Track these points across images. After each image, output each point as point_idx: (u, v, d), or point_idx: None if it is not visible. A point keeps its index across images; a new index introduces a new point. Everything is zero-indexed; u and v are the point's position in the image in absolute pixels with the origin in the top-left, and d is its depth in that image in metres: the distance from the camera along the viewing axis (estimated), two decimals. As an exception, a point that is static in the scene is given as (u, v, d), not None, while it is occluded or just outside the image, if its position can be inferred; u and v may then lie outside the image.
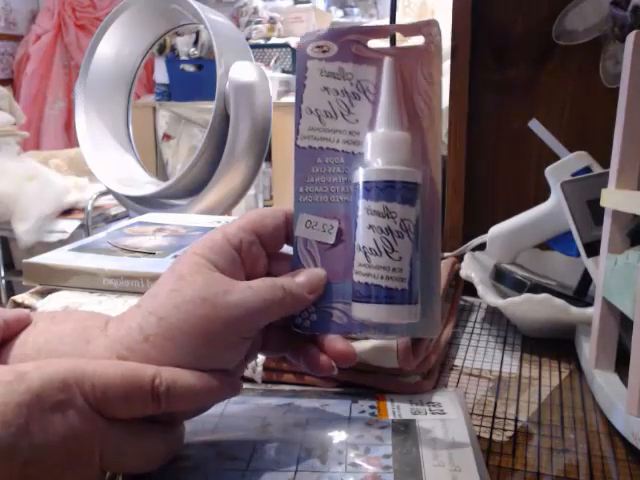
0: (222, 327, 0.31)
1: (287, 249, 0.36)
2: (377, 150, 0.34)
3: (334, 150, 0.35)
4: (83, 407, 0.27)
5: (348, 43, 0.35)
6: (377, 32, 0.36)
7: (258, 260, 0.35)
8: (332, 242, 0.35)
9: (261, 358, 0.44)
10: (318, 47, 0.35)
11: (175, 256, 0.55)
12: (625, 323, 0.47)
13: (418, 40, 0.35)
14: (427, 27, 0.35)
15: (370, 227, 0.33)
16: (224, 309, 0.31)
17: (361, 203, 0.33)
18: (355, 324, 0.35)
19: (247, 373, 0.44)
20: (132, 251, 0.57)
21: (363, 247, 0.33)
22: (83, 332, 0.32)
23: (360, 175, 0.34)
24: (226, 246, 0.33)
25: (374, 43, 0.35)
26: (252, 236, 0.34)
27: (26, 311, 0.34)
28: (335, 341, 0.35)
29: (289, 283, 0.34)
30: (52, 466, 0.27)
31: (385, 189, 0.33)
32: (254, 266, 0.35)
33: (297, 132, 0.36)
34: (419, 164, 0.34)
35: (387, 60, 0.35)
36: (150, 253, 0.56)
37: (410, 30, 0.35)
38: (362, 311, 0.34)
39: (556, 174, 0.58)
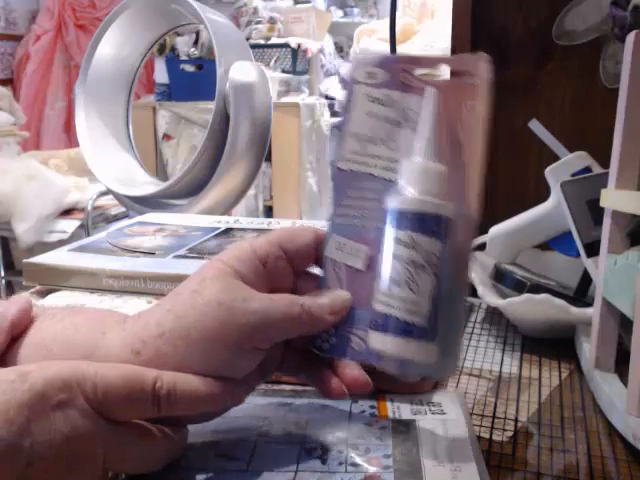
0: (236, 333, 0.31)
1: (317, 269, 0.36)
2: (411, 179, 0.33)
3: (372, 176, 0.35)
4: (84, 407, 0.28)
5: (396, 71, 0.35)
6: (426, 62, 0.36)
7: (284, 276, 0.35)
8: (360, 267, 0.34)
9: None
10: (367, 73, 0.35)
11: (175, 256, 0.55)
12: (625, 323, 0.47)
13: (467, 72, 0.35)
14: (475, 61, 0.35)
15: (394, 256, 0.33)
16: (240, 315, 0.31)
17: (389, 230, 0.33)
18: (372, 354, 0.34)
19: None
20: (132, 251, 0.57)
21: (386, 277, 0.33)
22: (100, 323, 0.32)
23: (391, 202, 0.33)
24: (252, 257, 0.33)
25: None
26: (279, 251, 0.34)
27: (25, 299, 0.34)
28: (350, 367, 0.35)
29: (310, 302, 0.33)
30: (54, 466, 0.27)
31: (413, 219, 0.32)
32: (279, 281, 0.35)
33: (339, 154, 0.36)
34: (453, 198, 0.33)
35: (429, 90, 0.34)
36: (150, 253, 0.56)
37: (458, 63, 0.35)
38: (378, 341, 0.33)
39: (556, 174, 0.58)
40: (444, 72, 0.36)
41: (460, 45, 0.73)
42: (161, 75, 2.80)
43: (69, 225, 1.88)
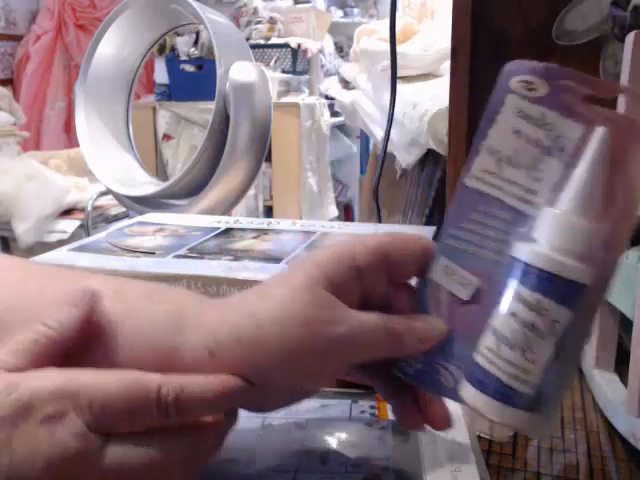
0: (317, 356, 0.29)
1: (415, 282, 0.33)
2: (550, 229, 0.28)
3: (502, 202, 0.30)
4: (76, 425, 0.24)
5: (560, 88, 0.29)
6: (600, 87, 0.30)
7: (379, 287, 0.32)
8: (465, 299, 0.31)
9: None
10: (525, 82, 0.30)
11: (175, 256, 0.55)
12: (625, 323, 0.47)
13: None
14: None
15: (513, 315, 0.28)
16: (324, 339, 0.28)
17: (512, 284, 0.28)
18: (462, 400, 0.30)
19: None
20: (132, 251, 0.57)
21: (497, 332, 0.28)
22: (179, 318, 0.29)
23: (522, 252, 0.28)
24: (350, 266, 0.30)
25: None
26: (380, 261, 0.31)
27: (84, 293, 0.29)
28: (435, 403, 0.32)
29: (403, 327, 0.30)
30: None
31: (544, 280, 0.28)
32: (372, 292, 0.31)
33: (468, 170, 0.31)
34: (594, 262, 0.28)
35: (600, 130, 0.28)
36: (150, 253, 0.56)
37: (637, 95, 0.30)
38: (472, 397, 0.29)
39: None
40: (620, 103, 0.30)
41: (460, 45, 0.73)
42: (161, 75, 2.80)
43: (69, 225, 1.88)
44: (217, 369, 0.28)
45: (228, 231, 0.64)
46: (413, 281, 0.33)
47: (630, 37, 0.40)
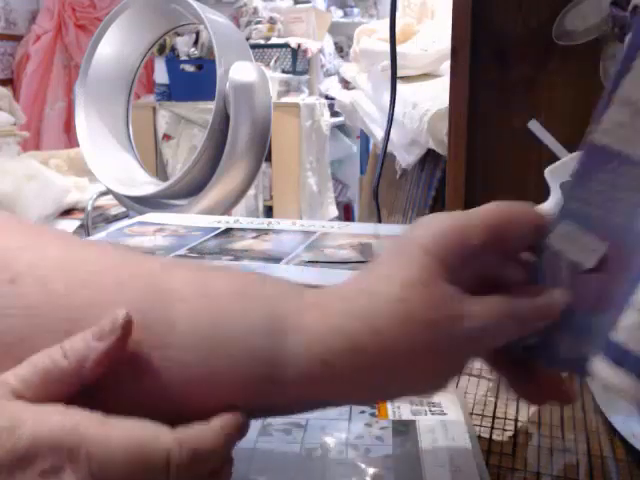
0: (443, 357, 0.26)
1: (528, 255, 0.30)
2: None
3: (632, 161, 0.26)
4: None
5: None
6: None
7: (491, 264, 0.28)
8: (590, 266, 0.27)
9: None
10: None
11: (175, 256, 0.55)
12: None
13: None
14: None
15: None
16: (450, 338, 0.26)
17: None
18: (582, 369, 0.27)
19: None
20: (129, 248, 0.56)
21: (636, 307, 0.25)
22: (278, 321, 0.26)
23: None
24: (464, 246, 0.27)
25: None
26: (496, 237, 0.27)
27: (114, 324, 0.24)
28: (555, 375, 0.30)
29: (528, 306, 0.27)
30: None
31: None
32: (486, 268, 0.28)
33: (597, 124, 0.28)
34: None
35: None
36: (150, 253, 0.56)
37: None
38: (605, 372, 0.26)
39: (556, 174, 0.58)
40: None
41: (460, 45, 0.73)
42: (161, 75, 2.80)
43: (69, 225, 1.88)
44: (330, 379, 0.26)
45: (228, 231, 0.64)
46: (530, 258, 0.30)
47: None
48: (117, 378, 0.25)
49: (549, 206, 0.60)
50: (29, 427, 0.22)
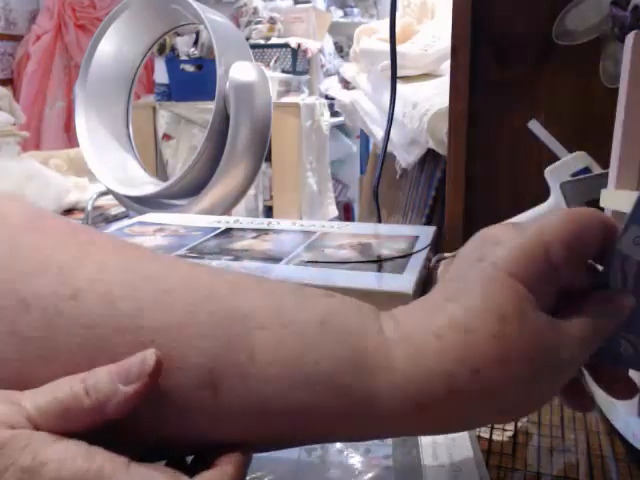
0: (540, 393, 0.26)
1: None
2: None
3: None
4: None
5: None
6: None
7: (570, 276, 0.28)
8: None
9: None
10: None
11: (175, 256, 0.55)
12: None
13: None
14: None
15: None
16: (548, 372, 0.25)
17: None
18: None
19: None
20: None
21: None
22: (364, 357, 0.25)
23: None
24: (546, 265, 0.26)
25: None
26: (576, 252, 0.27)
27: (143, 364, 0.23)
28: (617, 374, 0.30)
29: (608, 318, 0.27)
30: None
31: None
32: (560, 281, 0.27)
33: None
34: None
35: None
36: None
37: None
38: None
39: (555, 174, 0.58)
40: None
41: (460, 45, 0.73)
42: (161, 75, 2.80)
43: (69, 225, 1.88)
44: (424, 421, 0.25)
45: (228, 231, 0.64)
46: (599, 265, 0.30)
47: (630, 37, 0.40)
48: (163, 411, 0.24)
49: (549, 206, 0.60)
50: (52, 470, 0.21)
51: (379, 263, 0.51)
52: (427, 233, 0.60)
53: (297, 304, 0.26)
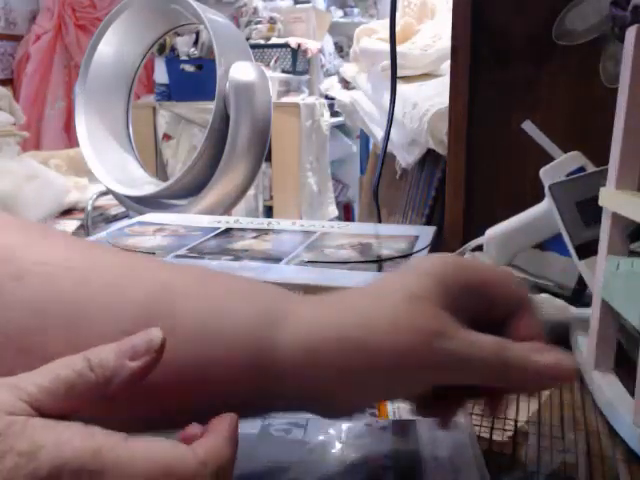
0: (422, 368, 0.27)
1: None
2: None
3: None
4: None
5: None
6: None
7: (488, 311, 0.30)
8: None
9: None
10: None
11: (176, 256, 0.55)
12: (625, 329, 0.47)
13: None
14: None
15: None
16: (434, 351, 0.27)
17: None
18: None
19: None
20: (132, 251, 0.57)
21: None
22: (272, 312, 0.28)
23: None
24: (465, 279, 0.29)
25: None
26: (484, 295, 0.29)
27: (149, 342, 0.24)
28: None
29: (524, 359, 0.28)
30: None
31: None
32: (480, 312, 0.29)
33: None
34: None
35: None
36: (151, 253, 0.56)
37: None
38: None
39: (550, 175, 0.57)
40: None
41: (460, 45, 0.73)
42: (161, 75, 2.80)
43: (69, 225, 1.88)
44: (313, 366, 0.27)
45: (228, 231, 0.64)
46: None
47: (631, 32, 0.40)
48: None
49: (544, 207, 0.60)
50: (50, 452, 0.21)
51: (379, 263, 0.51)
52: (427, 233, 0.60)
53: (218, 280, 0.30)
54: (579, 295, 0.57)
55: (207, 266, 0.50)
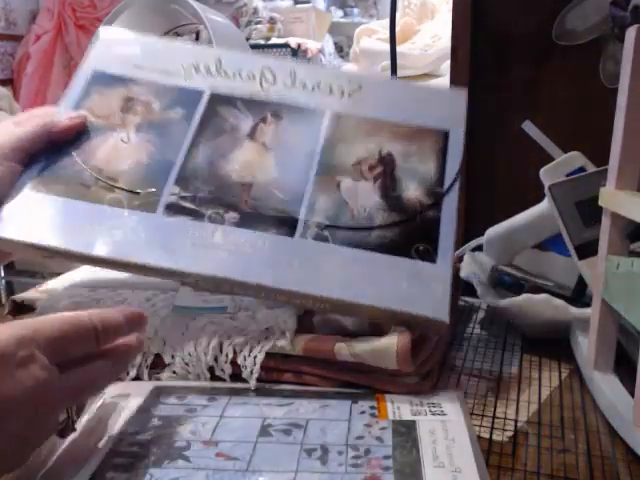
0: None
1: None
2: None
3: None
4: (41, 360, 0.30)
5: None
6: None
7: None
8: None
9: (259, 358, 0.44)
10: None
11: (166, 211, 0.45)
12: (626, 329, 0.47)
13: None
14: None
15: None
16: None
17: None
18: None
19: (244, 375, 0.44)
20: (111, 186, 0.47)
21: None
22: None
23: None
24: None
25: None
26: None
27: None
28: None
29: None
30: (23, 417, 0.29)
31: None
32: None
33: None
34: None
35: None
36: (134, 193, 0.47)
37: None
38: None
39: (550, 175, 0.57)
40: None
41: (460, 45, 0.73)
42: (161, 75, 2.79)
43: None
44: None
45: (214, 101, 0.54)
46: None
47: (631, 32, 0.40)
48: None
49: (544, 207, 0.60)
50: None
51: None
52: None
53: None
54: (579, 295, 0.57)
55: (202, 261, 0.46)
